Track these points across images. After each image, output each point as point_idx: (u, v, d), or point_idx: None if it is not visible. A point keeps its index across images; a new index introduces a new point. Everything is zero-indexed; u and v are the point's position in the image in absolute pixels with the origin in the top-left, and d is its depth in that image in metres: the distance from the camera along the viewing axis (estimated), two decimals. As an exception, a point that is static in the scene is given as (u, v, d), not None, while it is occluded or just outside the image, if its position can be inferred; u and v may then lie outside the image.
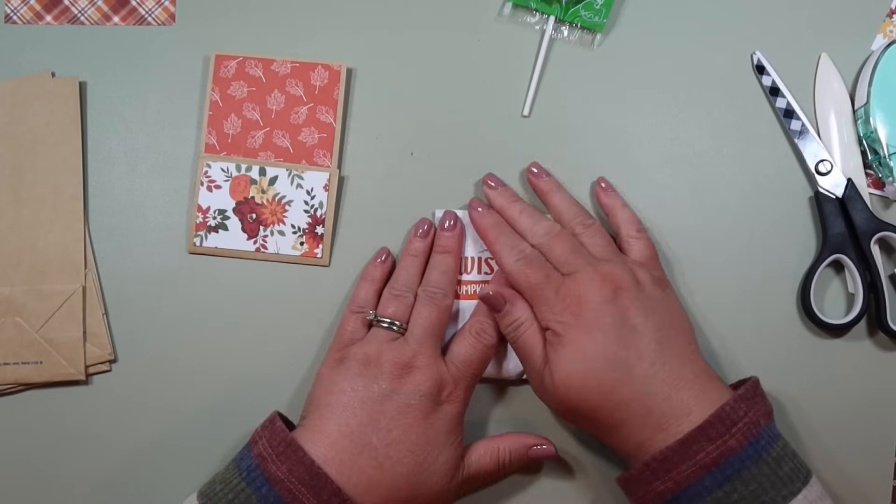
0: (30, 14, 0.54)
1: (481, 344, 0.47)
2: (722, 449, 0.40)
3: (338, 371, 0.46)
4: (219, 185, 0.52)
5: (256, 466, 0.42)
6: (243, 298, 0.52)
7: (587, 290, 0.44)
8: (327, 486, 0.41)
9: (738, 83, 0.53)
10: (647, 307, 0.44)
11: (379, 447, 0.43)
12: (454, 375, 0.46)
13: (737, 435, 0.40)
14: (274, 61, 0.53)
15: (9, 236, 0.52)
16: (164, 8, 0.54)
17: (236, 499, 0.41)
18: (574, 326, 0.43)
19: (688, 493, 0.40)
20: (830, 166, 0.51)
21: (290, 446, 0.42)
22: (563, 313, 0.44)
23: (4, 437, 0.52)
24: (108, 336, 0.52)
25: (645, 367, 0.43)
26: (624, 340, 0.43)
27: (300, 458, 0.42)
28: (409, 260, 0.50)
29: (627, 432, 0.43)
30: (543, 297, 0.45)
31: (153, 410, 0.52)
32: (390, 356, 0.45)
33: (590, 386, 0.43)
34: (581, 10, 0.53)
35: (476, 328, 0.48)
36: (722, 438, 0.40)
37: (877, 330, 0.51)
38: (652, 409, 0.42)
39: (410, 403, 0.44)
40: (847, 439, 0.51)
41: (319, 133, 0.53)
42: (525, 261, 0.47)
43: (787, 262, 0.52)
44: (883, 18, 0.53)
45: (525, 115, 0.53)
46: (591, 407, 0.43)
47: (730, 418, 0.41)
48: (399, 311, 0.48)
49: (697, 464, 0.40)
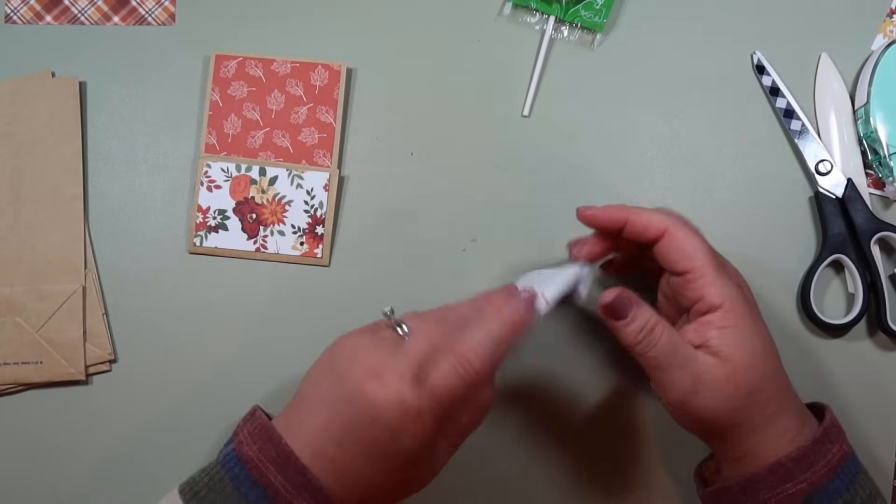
0: (30, 14, 0.54)
1: (464, 372, 0.40)
2: (843, 451, 0.41)
3: (326, 359, 0.43)
4: (219, 185, 0.52)
5: (233, 450, 0.43)
6: (243, 298, 0.52)
7: (738, 274, 0.45)
8: (293, 464, 0.41)
9: (738, 83, 0.53)
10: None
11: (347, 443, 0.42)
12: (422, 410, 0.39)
13: (845, 440, 0.41)
14: (274, 61, 0.53)
15: (9, 236, 0.52)
16: (164, 8, 0.54)
17: (211, 481, 0.42)
18: (744, 306, 0.42)
19: (821, 495, 0.40)
20: (830, 166, 0.51)
21: (264, 429, 0.42)
22: (735, 291, 0.42)
23: (4, 437, 0.52)
24: (108, 336, 0.52)
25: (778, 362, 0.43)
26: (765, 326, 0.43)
27: (270, 437, 0.42)
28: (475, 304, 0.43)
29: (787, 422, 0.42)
30: (719, 273, 0.42)
31: (153, 410, 0.52)
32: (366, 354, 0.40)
33: (770, 367, 0.42)
34: (581, 10, 0.53)
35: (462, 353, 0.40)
36: (839, 442, 0.41)
37: (877, 330, 0.51)
38: (793, 395, 0.43)
39: (364, 424, 0.40)
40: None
41: (319, 133, 0.53)
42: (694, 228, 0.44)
43: (787, 262, 0.52)
44: (883, 18, 0.53)
45: (525, 115, 0.53)
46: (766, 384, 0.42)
47: (836, 425, 0.42)
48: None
49: (828, 465, 0.40)
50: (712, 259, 0.42)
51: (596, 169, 0.53)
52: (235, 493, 0.41)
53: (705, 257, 0.42)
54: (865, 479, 0.41)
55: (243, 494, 0.41)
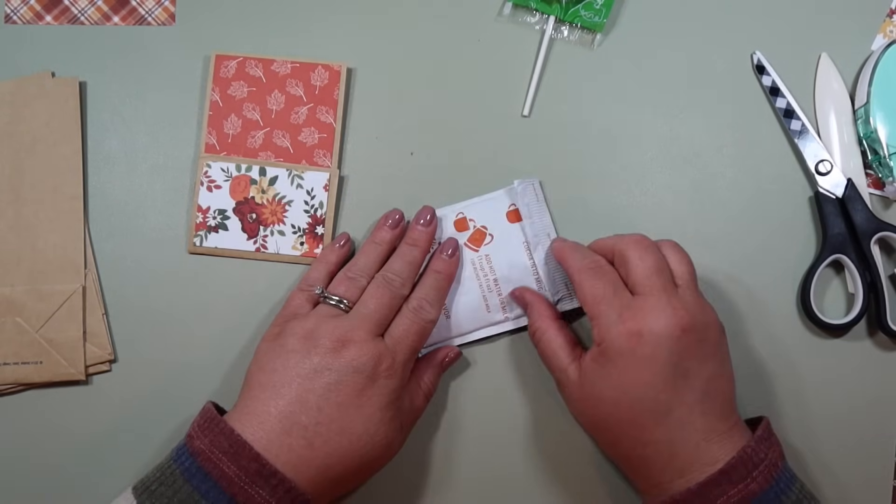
0: (30, 14, 0.54)
1: (420, 319, 0.46)
2: (743, 493, 0.40)
3: (272, 346, 0.45)
4: (219, 185, 0.52)
5: (184, 444, 0.43)
6: (243, 298, 0.52)
7: (654, 320, 0.41)
8: (245, 452, 0.41)
9: (738, 83, 0.53)
10: (705, 354, 0.42)
11: (308, 426, 0.42)
12: (391, 349, 0.45)
13: (758, 478, 0.40)
14: (274, 61, 0.53)
15: (9, 236, 0.52)
16: (164, 8, 0.54)
17: (162, 475, 0.42)
18: (627, 355, 0.42)
19: None
20: (830, 166, 0.51)
21: (213, 422, 0.43)
22: (620, 338, 0.42)
23: (4, 437, 0.52)
24: (108, 336, 0.52)
25: (683, 413, 0.41)
26: (672, 383, 0.41)
27: (221, 430, 0.42)
28: (370, 247, 0.49)
29: (647, 470, 0.43)
30: (604, 315, 0.43)
31: (153, 410, 0.52)
32: (327, 329, 0.44)
33: (622, 417, 0.42)
34: (581, 10, 0.53)
35: (414, 304, 0.47)
36: (744, 482, 0.40)
37: (877, 330, 0.51)
38: (678, 455, 0.41)
39: (342, 380, 0.43)
40: (847, 439, 0.51)
41: (319, 133, 0.53)
42: (596, 270, 0.45)
43: (787, 262, 0.52)
44: (883, 18, 0.53)
45: (525, 115, 0.53)
46: (615, 434, 0.43)
47: (751, 461, 0.40)
48: (349, 292, 0.47)
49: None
50: (600, 308, 0.43)
51: (596, 169, 0.53)
52: (186, 486, 0.41)
53: (593, 307, 0.44)
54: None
55: (195, 486, 0.41)
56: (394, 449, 0.45)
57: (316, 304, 0.48)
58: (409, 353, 0.46)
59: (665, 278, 0.43)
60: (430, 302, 0.47)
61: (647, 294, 0.43)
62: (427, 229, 0.50)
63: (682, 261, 0.45)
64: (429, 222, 0.50)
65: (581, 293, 0.45)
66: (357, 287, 0.47)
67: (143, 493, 0.42)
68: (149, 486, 0.42)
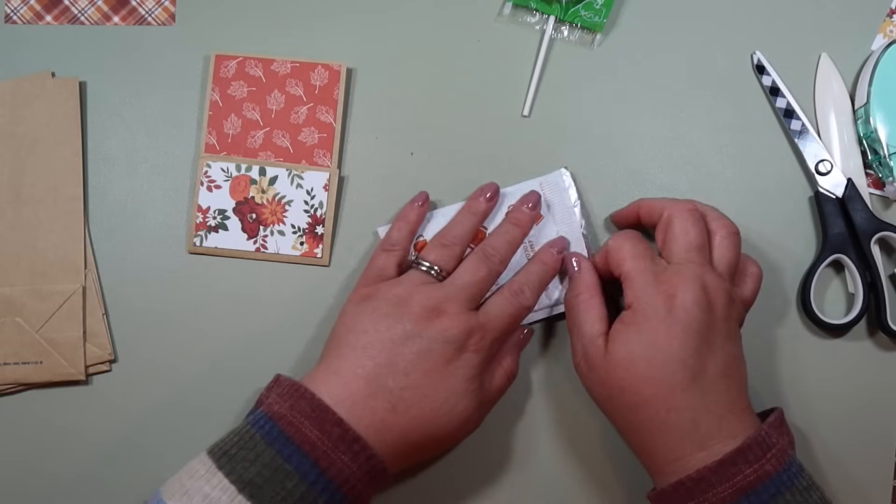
0: (30, 14, 0.54)
1: (518, 302, 0.47)
2: (759, 473, 0.40)
3: (363, 308, 0.45)
4: (219, 185, 0.52)
5: (262, 411, 0.43)
6: (243, 298, 0.52)
7: (688, 288, 0.43)
8: (328, 417, 0.41)
9: (738, 83, 0.53)
10: (728, 333, 0.44)
11: (394, 390, 0.43)
12: (483, 325, 0.45)
13: (772, 460, 0.40)
14: (274, 61, 0.53)
15: (9, 236, 0.52)
16: (164, 8, 0.54)
17: (241, 440, 0.41)
18: (661, 315, 0.42)
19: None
20: (830, 166, 0.51)
21: (294, 388, 0.43)
22: (655, 297, 0.43)
23: (4, 437, 0.52)
24: (108, 336, 0.52)
25: (707, 383, 0.42)
26: (699, 351, 0.42)
27: (302, 394, 0.42)
28: (465, 216, 0.49)
29: (666, 440, 0.42)
30: (641, 276, 0.44)
31: (153, 410, 0.52)
32: (421, 297, 0.45)
33: (653, 375, 0.42)
34: (581, 10, 0.53)
35: (515, 287, 0.47)
36: (759, 462, 0.40)
37: (877, 330, 0.51)
38: (700, 424, 0.42)
39: (432, 348, 0.43)
40: (847, 439, 0.51)
41: (319, 133, 0.53)
42: (634, 236, 0.46)
43: (787, 262, 0.52)
44: (883, 18, 0.53)
45: (525, 115, 0.53)
46: (641, 399, 0.43)
47: (766, 443, 0.41)
48: (441, 260, 0.47)
49: (735, 486, 0.40)
50: (639, 265, 0.44)
51: (596, 169, 0.53)
52: (269, 449, 0.41)
53: (632, 263, 0.45)
54: (791, 500, 0.40)
55: (277, 450, 0.41)
56: (470, 425, 0.46)
57: (401, 267, 0.48)
58: (500, 333, 0.46)
59: (703, 257, 0.45)
60: (532, 289, 0.47)
61: (682, 264, 0.44)
62: (532, 213, 0.50)
63: (730, 247, 0.46)
64: (533, 206, 0.50)
65: (618, 253, 0.45)
66: (450, 255, 0.47)
67: (223, 458, 0.41)
68: (227, 451, 0.41)
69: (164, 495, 0.41)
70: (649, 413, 0.43)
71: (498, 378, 0.47)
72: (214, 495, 0.39)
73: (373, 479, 0.42)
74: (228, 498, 0.39)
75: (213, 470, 0.40)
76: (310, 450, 0.41)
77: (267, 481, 0.40)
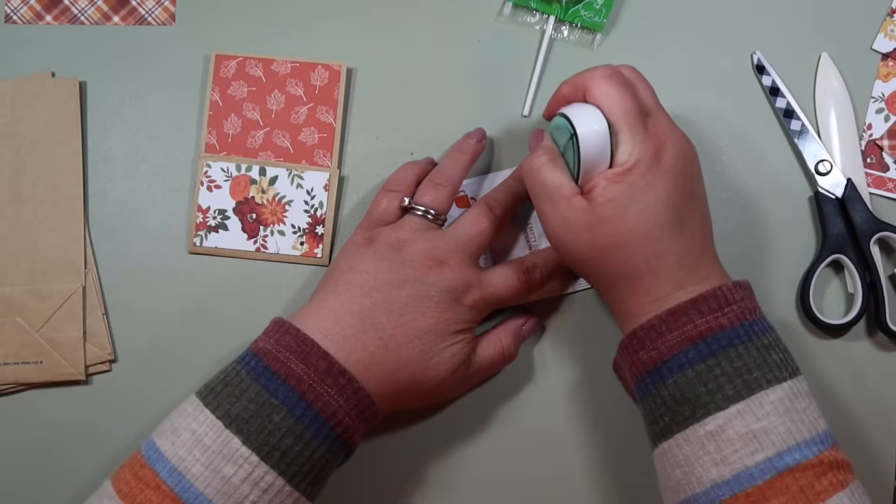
0: (30, 14, 0.54)
1: (527, 278, 0.47)
2: (711, 324, 0.40)
3: (365, 251, 0.46)
4: (219, 185, 0.52)
5: (248, 349, 0.43)
6: (243, 298, 0.52)
7: (673, 133, 0.43)
8: (315, 351, 0.42)
9: (738, 83, 0.53)
10: (699, 178, 0.44)
11: (387, 327, 0.43)
12: (483, 285, 0.45)
13: (729, 314, 0.40)
14: (274, 61, 0.53)
15: (9, 236, 0.52)
16: (164, 8, 0.54)
17: (227, 377, 0.42)
18: (653, 168, 0.41)
19: (669, 364, 0.40)
20: (830, 166, 0.51)
21: (280, 324, 0.43)
22: (649, 151, 0.42)
23: (4, 437, 0.52)
24: (108, 336, 0.52)
25: (693, 227, 0.42)
26: (684, 196, 0.42)
27: (287, 330, 0.43)
28: (456, 154, 0.49)
29: (651, 284, 0.42)
30: (636, 125, 0.42)
31: (153, 410, 0.52)
32: (421, 245, 0.45)
33: (648, 227, 0.41)
34: (581, 10, 0.53)
35: (528, 265, 0.47)
36: (713, 314, 0.40)
37: (876, 330, 0.51)
38: (683, 264, 0.41)
39: (430, 295, 0.44)
40: (847, 439, 0.50)
41: (319, 133, 0.53)
42: (621, 80, 0.43)
43: (787, 262, 0.52)
44: (883, 18, 0.53)
45: (525, 115, 0.53)
46: (630, 251, 0.41)
47: (725, 298, 0.40)
48: (435, 202, 0.47)
49: (684, 335, 0.40)
50: (627, 118, 0.42)
51: (596, 169, 0.53)
52: (255, 384, 0.41)
53: (619, 115, 0.42)
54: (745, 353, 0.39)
55: (263, 385, 0.41)
56: (457, 376, 0.46)
57: (403, 211, 0.48)
58: (499, 302, 0.47)
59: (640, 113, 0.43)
60: (542, 270, 0.48)
61: (654, 113, 0.43)
62: (479, 146, 0.50)
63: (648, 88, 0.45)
64: (480, 139, 0.50)
65: (609, 103, 0.42)
66: (443, 195, 0.47)
67: (209, 395, 0.41)
68: (214, 388, 0.42)
69: (154, 436, 0.41)
70: (638, 262, 0.42)
71: (492, 348, 0.48)
72: (201, 431, 0.40)
73: (361, 414, 0.43)
74: (215, 433, 0.40)
75: (199, 407, 0.41)
76: (296, 383, 0.41)
77: (253, 416, 0.40)
